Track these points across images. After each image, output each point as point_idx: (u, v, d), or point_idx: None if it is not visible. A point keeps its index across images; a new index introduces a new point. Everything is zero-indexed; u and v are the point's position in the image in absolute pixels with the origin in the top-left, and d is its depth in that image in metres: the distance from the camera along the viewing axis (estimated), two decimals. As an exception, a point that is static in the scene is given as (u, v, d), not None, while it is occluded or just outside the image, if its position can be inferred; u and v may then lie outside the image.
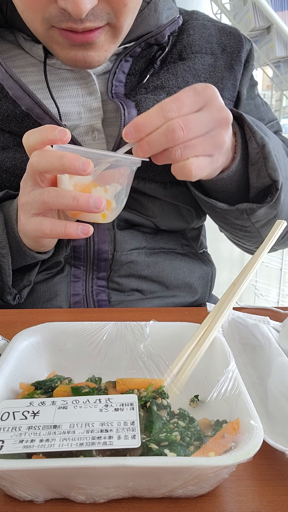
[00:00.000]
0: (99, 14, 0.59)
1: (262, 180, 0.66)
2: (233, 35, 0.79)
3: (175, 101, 0.54)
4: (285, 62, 1.80)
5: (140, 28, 0.72)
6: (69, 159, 0.51)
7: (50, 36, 0.62)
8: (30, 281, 0.70)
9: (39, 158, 0.53)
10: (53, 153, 0.53)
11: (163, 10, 0.74)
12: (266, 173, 0.65)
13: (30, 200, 0.56)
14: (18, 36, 0.74)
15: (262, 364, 0.48)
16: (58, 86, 0.71)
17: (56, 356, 0.47)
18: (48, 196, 0.53)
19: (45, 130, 0.53)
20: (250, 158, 0.65)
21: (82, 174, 0.51)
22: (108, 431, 0.32)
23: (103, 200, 0.52)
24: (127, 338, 0.48)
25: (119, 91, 0.72)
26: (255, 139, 0.64)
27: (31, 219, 0.57)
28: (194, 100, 0.55)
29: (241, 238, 0.78)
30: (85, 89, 0.71)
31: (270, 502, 0.33)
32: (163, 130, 0.53)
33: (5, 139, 0.69)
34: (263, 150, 0.64)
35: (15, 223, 0.63)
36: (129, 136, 0.54)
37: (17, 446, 0.31)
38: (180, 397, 0.42)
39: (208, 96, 0.56)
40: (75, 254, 0.73)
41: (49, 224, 0.55)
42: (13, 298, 0.68)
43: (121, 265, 0.73)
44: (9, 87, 0.66)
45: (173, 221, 0.77)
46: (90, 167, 0.51)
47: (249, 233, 0.73)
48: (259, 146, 0.64)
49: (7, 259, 0.64)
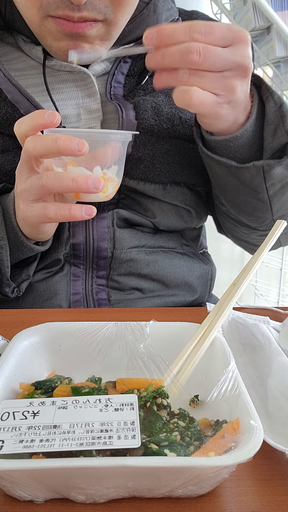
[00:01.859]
0: (98, 5, 0.59)
1: (279, 138, 0.64)
2: None
3: (206, 27, 0.52)
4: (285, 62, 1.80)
5: (140, 29, 0.72)
6: (63, 141, 0.51)
7: (44, 26, 0.63)
8: (29, 275, 0.70)
9: (34, 143, 0.54)
10: (47, 136, 0.53)
11: (163, 11, 0.74)
12: (284, 131, 0.63)
13: (28, 186, 0.57)
14: (17, 38, 0.74)
15: (262, 364, 0.48)
16: (58, 88, 0.71)
17: (56, 356, 0.47)
18: (47, 180, 0.54)
19: (35, 115, 0.53)
20: (267, 117, 0.64)
21: (78, 154, 0.52)
22: (108, 431, 0.32)
23: (101, 180, 0.53)
24: (127, 338, 0.48)
25: (118, 92, 0.72)
26: (273, 98, 0.63)
27: (31, 205, 0.57)
28: (225, 35, 0.53)
29: (249, 214, 0.74)
30: (84, 90, 0.71)
31: (270, 502, 0.33)
32: (181, 47, 0.51)
33: (4, 142, 0.69)
34: (281, 108, 0.63)
35: (13, 213, 0.63)
36: (149, 39, 0.53)
37: (17, 446, 0.31)
38: (180, 397, 0.42)
39: (239, 39, 0.54)
40: (74, 252, 0.73)
41: (53, 208, 0.55)
42: (12, 291, 0.68)
43: (121, 263, 0.73)
44: (8, 90, 0.67)
45: (172, 222, 0.77)
46: (85, 146, 0.51)
47: (260, 203, 0.70)
48: (277, 105, 0.63)
49: (5, 250, 0.64)
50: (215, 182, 0.74)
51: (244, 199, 0.71)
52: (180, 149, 0.73)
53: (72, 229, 0.72)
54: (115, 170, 0.60)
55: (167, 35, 0.52)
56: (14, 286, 0.68)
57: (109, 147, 0.56)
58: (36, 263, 0.71)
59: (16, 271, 0.69)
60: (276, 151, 0.66)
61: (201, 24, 0.52)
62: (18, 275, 0.69)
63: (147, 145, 0.71)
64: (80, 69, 0.70)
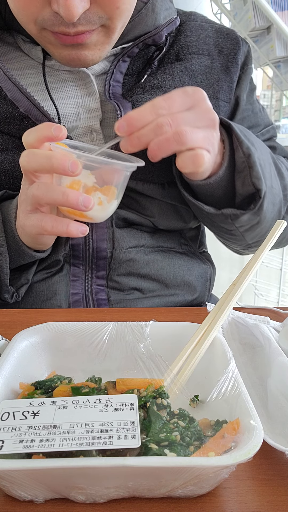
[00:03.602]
0: (92, 18, 0.59)
1: (246, 188, 0.67)
2: (230, 37, 0.79)
3: (166, 100, 0.57)
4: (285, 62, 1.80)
5: (138, 28, 0.72)
6: (57, 159, 0.52)
7: (43, 36, 0.63)
8: (28, 280, 0.70)
9: (28, 158, 0.55)
10: (42, 153, 0.54)
11: (161, 11, 0.74)
12: (250, 182, 0.66)
13: (25, 197, 0.58)
14: (17, 38, 0.74)
15: (262, 364, 0.48)
16: (57, 87, 0.71)
17: (56, 356, 0.47)
18: (37, 190, 0.55)
19: (42, 128, 0.54)
20: (237, 165, 0.67)
21: (71, 175, 0.52)
22: (108, 431, 0.32)
23: (91, 199, 0.53)
24: (127, 338, 0.48)
25: (117, 91, 0.72)
26: (242, 149, 0.65)
27: (29, 216, 0.58)
28: (184, 101, 0.57)
29: (227, 240, 0.80)
30: (84, 90, 0.71)
31: (270, 502, 0.33)
32: (153, 126, 0.55)
33: (4, 141, 0.69)
34: (249, 159, 0.65)
35: (14, 222, 0.64)
36: (121, 129, 0.56)
37: (17, 446, 0.31)
38: (180, 397, 0.42)
39: (197, 98, 0.58)
40: (74, 252, 0.73)
41: (50, 221, 0.56)
42: (11, 296, 0.68)
43: (120, 264, 0.74)
44: (8, 89, 0.67)
45: (171, 221, 0.77)
46: (78, 168, 0.52)
47: (234, 236, 0.74)
48: (245, 155, 0.65)
49: (5, 257, 0.64)
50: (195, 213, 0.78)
51: (220, 231, 0.76)
52: None
53: None
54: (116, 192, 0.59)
55: (136, 120, 0.56)
56: (13, 291, 0.68)
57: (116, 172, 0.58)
58: (35, 268, 0.71)
59: (15, 275, 0.69)
60: (246, 197, 0.69)
61: (161, 99, 0.56)
62: (17, 279, 0.69)
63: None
64: (79, 69, 0.70)
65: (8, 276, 0.66)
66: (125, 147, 0.57)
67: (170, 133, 0.55)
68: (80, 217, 0.57)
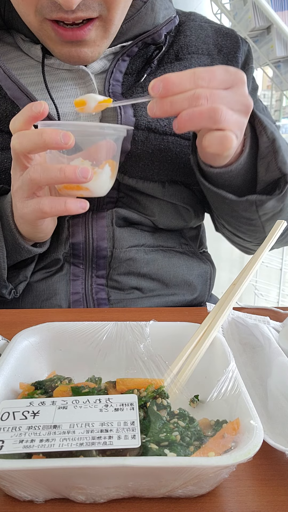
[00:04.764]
0: (91, 5, 0.60)
1: (271, 173, 0.66)
2: (230, 36, 0.80)
3: (209, 72, 0.54)
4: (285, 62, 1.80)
5: (137, 27, 0.73)
6: (48, 134, 0.52)
7: (44, 29, 0.63)
8: (26, 277, 0.70)
9: (20, 140, 0.54)
10: (32, 131, 0.54)
11: (160, 10, 0.75)
12: (276, 167, 0.65)
13: (21, 183, 0.57)
14: (16, 38, 0.74)
15: (262, 364, 0.48)
16: (57, 86, 0.71)
17: (56, 356, 0.47)
18: (34, 173, 0.54)
19: (24, 110, 0.54)
20: (260, 152, 0.65)
21: (64, 147, 0.52)
22: (108, 431, 0.32)
23: (89, 169, 0.53)
24: (127, 338, 0.48)
25: (116, 90, 0.72)
26: (266, 134, 0.64)
27: (26, 202, 0.58)
28: (225, 78, 0.55)
29: (244, 233, 0.77)
30: (83, 88, 0.71)
31: (270, 502, 0.33)
32: (189, 95, 0.53)
33: (4, 140, 0.69)
34: (274, 144, 0.64)
35: (10, 215, 0.64)
36: (156, 89, 0.53)
37: (17, 446, 0.31)
38: (180, 397, 0.42)
39: (238, 79, 0.56)
40: (74, 251, 0.73)
41: (48, 202, 0.56)
42: (9, 292, 0.68)
43: (120, 263, 0.74)
44: (8, 87, 0.67)
45: (172, 220, 0.77)
46: (71, 139, 0.52)
47: (253, 227, 0.73)
48: (270, 140, 0.64)
49: (2, 252, 0.64)
50: (212, 205, 0.76)
51: (238, 223, 0.74)
52: (177, 146, 0.73)
53: (71, 228, 0.72)
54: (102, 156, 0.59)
55: (173, 84, 0.53)
56: (11, 287, 0.68)
57: (103, 143, 0.57)
58: (33, 265, 0.71)
59: (13, 272, 0.69)
60: (269, 184, 0.68)
61: (203, 70, 0.54)
62: (15, 277, 0.69)
63: (145, 143, 0.72)
64: (79, 67, 0.70)
65: (6, 271, 0.65)
66: (153, 110, 0.55)
67: (205, 108, 0.53)
68: (78, 190, 0.57)
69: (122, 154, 0.70)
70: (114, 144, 0.59)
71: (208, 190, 0.69)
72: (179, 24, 0.79)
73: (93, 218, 0.73)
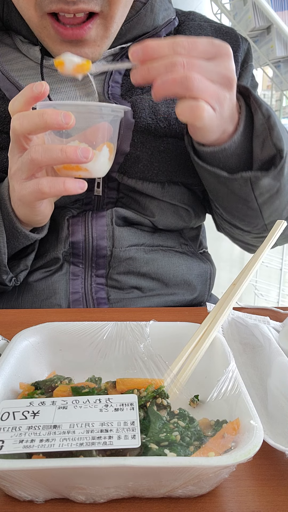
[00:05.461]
0: None
1: (267, 150, 0.65)
2: (230, 35, 0.80)
3: (189, 42, 0.54)
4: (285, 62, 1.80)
5: (137, 28, 0.73)
6: (49, 115, 0.52)
7: (43, 26, 0.63)
8: (27, 266, 0.70)
9: (21, 121, 0.54)
10: (33, 112, 0.54)
11: (160, 11, 0.75)
12: (272, 143, 0.64)
13: (20, 165, 0.57)
14: (15, 39, 0.74)
15: (262, 364, 0.48)
16: (56, 88, 0.71)
17: (56, 356, 0.47)
18: (35, 153, 0.54)
19: (24, 91, 0.54)
20: (256, 129, 0.65)
21: (65, 127, 0.52)
22: (108, 431, 0.32)
23: (90, 149, 0.53)
24: (127, 338, 0.48)
25: (116, 92, 0.72)
26: (261, 111, 0.64)
27: (25, 183, 0.57)
28: (207, 49, 0.55)
29: (242, 219, 0.76)
30: (82, 90, 0.71)
31: (270, 502, 0.33)
32: (166, 61, 0.53)
33: (3, 139, 0.69)
34: (269, 120, 0.64)
35: (8, 199, 0.63)
36: (135, 55, 0.54)
37: (17, 446, 0.31)
38: (180, 397, 0.42)
39: (221, 52, 0.55)
40: (73, 250, 0.73)
41: (46, 182, 0.56)
42: (9, 279, 0.68)
43: (120, 262, 0.74)
44: (6, 88, 0.67)
45: (171, 221, 0.77)
46: (71, 119, 0.52)
47: (251, 210, 0.71)
48: (265, 117, 0.64)
49: (2, 236, 0.64)
50: (207, 188, 0.75)
51: (235, 206, 0.72)
52: (176, 147, 0.73)
53: (71, 227, 0.72)
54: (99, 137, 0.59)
55: (152, 50, 0.53)
56: (11, 275, 0.68)
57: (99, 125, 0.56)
58: (33, 254, 0.71)
59: (14, 262, 0.69)
60: (265, 163, 0.67)
61: (184, 39, 0.54)
62: (16, 266, 0.69)
63: (144, 144, 0.72)
64: None
65: (6, 256, 0.65)
66: (135, 76, 0.55)
67: (180, 75, 0.53)
68: (77, 170, 0.57)
69: (121, 156, 0.70)
70: (110, 126, 0.59)
71: (202, 169, 0.68)
72: (178, 24, 0.79)
73: (92, 217, 0.73)
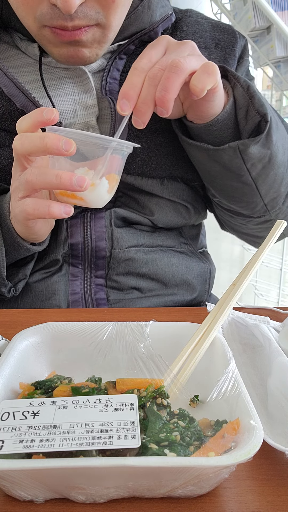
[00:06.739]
0: (88, 12, 0.60)
1: (252, 119, 0.66)
2: (227, 31, 0.80)
3: (143, 57, 0.58)
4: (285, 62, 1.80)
5: (134, 25, 0.73)
6: (51, 139, 0.51)
7: (43, 35, 0.63)
8: (25, 275, 0.70)
9: (22, 141, 0.54)
10: (34, 134, 0.54)
11: (157, 8, 0.75)
12: (254, 110, 0.66)
13: (18, 184, 0.57)
14: (14, 36, 0.74)
15: (262, 364, 0.48)
16: (54, 84, 0.71)
17: (56, 356, 0.47)
18: (30, 175, 0.54)
19: (34, 113, 0.54)
20: (238, 102, 0.66)
21: (65, 154, 0.52)
22: (108, 431, 0.32)
23: (86, 178, 0.52)
24: (127, 338, 0.48)
25: (113, 89, 0.72)
26: (239, 82, 0.66)
27: (18, 202, 0.58)
28: (156, 49, 0.60)
29: (240, 200, 0.75)
30: (80, 87, 0.72)
31: (270, 502, 0.33)
32: (148, 82, 0.56)
33: (0, 137, 0.69)
34: (248, 90, 0.65)
35: (8, 214, 0.63)
36: (124, 107, 0.56)
37: (17, 446, 0.31)
38: (180, 397, 0.42)
39: (164, 42, 0.61)
40: (72, 252, 0.73)
41: (31, 204, 0.55)
42: (8, 290, 0.68)
43: (119, 263, 0.74)
44: (4, 85, 0.67)
45: (171, 218, 0.77)
46: (72, 146, 0.51)
47: (247, 186, 0.71)
48: (244, 88, 0.65)
49: (1, 250, 0.64)
50: (200, 171, 0.76)
51: (230, 184, 0.73)
52: (173, 141, 0.74)
53: (70, 229, 0.72)
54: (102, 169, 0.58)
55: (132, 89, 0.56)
56: (10, 285, 0.68)
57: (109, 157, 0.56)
58: (33, 263, 0.71)
59: (12, 270, 0.69)
60: (252, 132, 0.68)
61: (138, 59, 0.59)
62: (14, 275, 0.69)
63: (141, 138, 0.72)
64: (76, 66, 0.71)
65: (5, 269, 0.65)
66: (137, 121, 0.57)
67: (167, 73, 0.55)
68: (73, 198, 0.57)
69: None
70: (121, 159, 0.58)
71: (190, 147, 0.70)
72: (175, 21, 0.79)
73: (91, 218, 0.73)
